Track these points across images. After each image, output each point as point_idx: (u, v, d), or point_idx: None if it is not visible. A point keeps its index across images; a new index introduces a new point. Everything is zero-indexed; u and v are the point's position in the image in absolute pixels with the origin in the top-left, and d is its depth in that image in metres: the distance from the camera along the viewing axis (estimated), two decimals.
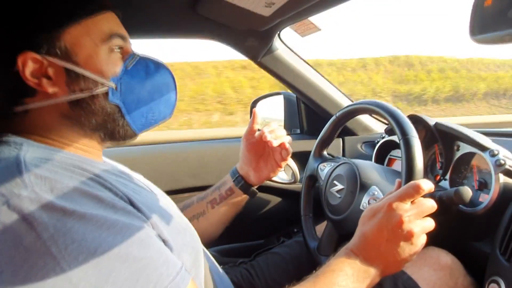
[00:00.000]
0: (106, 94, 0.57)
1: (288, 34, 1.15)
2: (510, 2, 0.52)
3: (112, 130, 0.59)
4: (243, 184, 0.92)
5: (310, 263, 0.85)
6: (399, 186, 0.64)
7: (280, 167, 0.93)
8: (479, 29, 0.57)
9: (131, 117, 0.60)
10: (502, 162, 0.77)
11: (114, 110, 0.58)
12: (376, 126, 1.38)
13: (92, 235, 0.42)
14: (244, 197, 0.93)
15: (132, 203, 0.50)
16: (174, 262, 0.48)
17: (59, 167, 0.48)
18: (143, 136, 0.65)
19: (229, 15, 0.92)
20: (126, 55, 0.60)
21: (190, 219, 0.86)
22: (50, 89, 0.54)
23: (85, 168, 0.51)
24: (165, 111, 0.64)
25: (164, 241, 0.51)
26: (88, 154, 0.59)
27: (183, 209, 0.91)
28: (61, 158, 0.51)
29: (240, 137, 0.94)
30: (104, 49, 0.57)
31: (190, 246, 0.58)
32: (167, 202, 0.65)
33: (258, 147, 0.92)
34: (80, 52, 0.55)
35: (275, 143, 0.88)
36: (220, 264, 0.98)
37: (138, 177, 0.67)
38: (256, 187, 0.95)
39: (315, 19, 0.99)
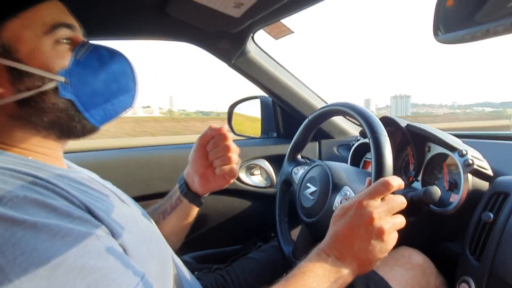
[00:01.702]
0: (56, 89, 0.54)
1: (262, 37, 1.14)
2: (472, 3, 0.53)
3: (68, 126, 0.56)
4: (187, 192, 0.82)
5: (286, 268, 0.84)
6: (370, 184, 0.63)
7: (228, 182, 0.82)
8: (441, 29, 0.57)
9: (88, 110, 0.57)
10: (470, 162, 0.77)
11: (67, 106, 0.55)
12: (352, 129, 1.39)
13: (44, 245, 0.40)
14: (191, 205, 0.83)
15: (90, 212, 0.48)
16: (134, 271, 0.46)
17: (10, 176, 0.45)
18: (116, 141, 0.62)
19: (199, 16, 0.90)
20: (76, 45, 0.57)
21: None
22: None
23: (38, 176, 0.48)
24: (125, 101, 0.61)
25: (125, 250, 0.49)
26: (45, 158, 0.56)
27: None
28: (13, 165, 0.48)
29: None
30: (47, 41, 0.53)
31: (157, 255, 0.56)
32: (133, 211, 0.62)
33: (204, 155, 0.80)
34: (22, 47, 0.51)
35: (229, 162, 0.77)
36: (195, 270, 0.96)
37: (105, 184, 0.64)
38: (202, 196, 0.84)
39: (288, 22, 0.99)
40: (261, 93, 1.35)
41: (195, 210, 0.84)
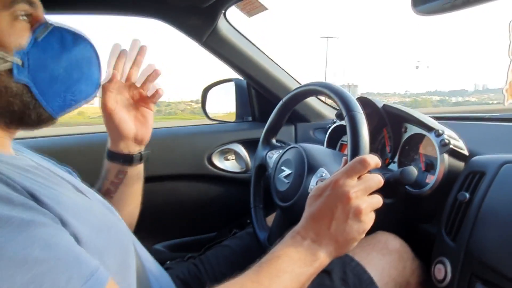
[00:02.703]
0: (10, 71, 0.48)
1: (234, 15, 1.09)
2: None
3: (21, 114, 0.51)
4: (132, 158, 0.76)
5: (261, 255, 0.82)
6: (346, 163, 0.61)
7: (150, 108, 0.77)
8: (420, 0, 0.54)
9: (44, 98, 0.51)
10: (447, 141, 0.76)
11: (21, 90, 0.49)
12: (328, 112, 1.37)
13: None
14: (140, 166, 0.78)
15: (35, 198, 0.43)
16: (87, 262, 0.41)
17: None
18: None
19: None
20: (36, 24, 0.51)
21: None
22: None
23: None
24: (87, 90, 0.56)
25: (78, 242, 0.44)
26: None
27: None
28: None
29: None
30: (4, 16, 0.48)
31: (116, 247, 0.52)
32: (89, 200, 0.57)
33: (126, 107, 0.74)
34: None
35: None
36: (167, 260, 0.92)
37: (58, 172, 0.58)
38: (143, 147, 0.78)
39: None
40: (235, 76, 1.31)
41: (141, 167, 0.79)
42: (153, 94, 0.75)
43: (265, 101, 1.31)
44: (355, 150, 0.61)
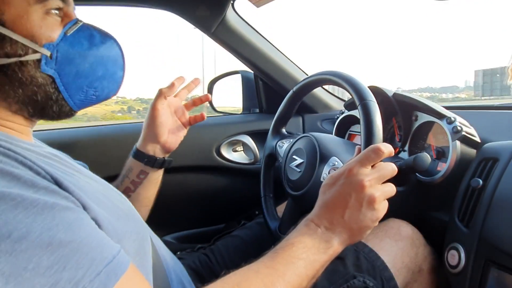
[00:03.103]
0: (38, 62, 0.49)
1: (243, 5, 1.09)
2: None
3: (44, 104, 0.52)
4: (155, 160, 0.80)
5: (271, 244, 0.82)
6: (359, 152, 0.61)
7: (186, 128, 0.85)
8: None
9: (67, 91, 0.52)
10: (459, 128, 0.76)
11: (46, 81, 0.50)
12: (335, 103, 1.37)
13: (4, 217, 0.35)
14: (160, 171, 0.83)
15: (58, 183, 0.43)
16: (110, 245, 0.42)
17: None
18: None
19: None
20: (67, 19, 0.53)
21: None
22: None
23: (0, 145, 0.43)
24: (109, 88, 0.58)
25: (99, 225, 0.44)
26: (11, 131, 0.51)
27: None
28: None
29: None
30: (38, 9, 0.49)
31: (134, 233, 0.52)
32: (106, 188, 0.58)
33: (167, 115, 0.82)
34: (8, 10, 0.47)
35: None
36: (177, 251, 0.93)
37: (74, 164, 0.59)
38: (168, 155, 0.84)
39: None
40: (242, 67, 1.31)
41: (161, 172, 0.83)
42: (196, 117, 0.84)
43: (272, 92, 1.31)
44: (369, 138, 0.61)
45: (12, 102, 0.50)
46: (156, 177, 0.82)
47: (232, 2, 1.05)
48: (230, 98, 1.55)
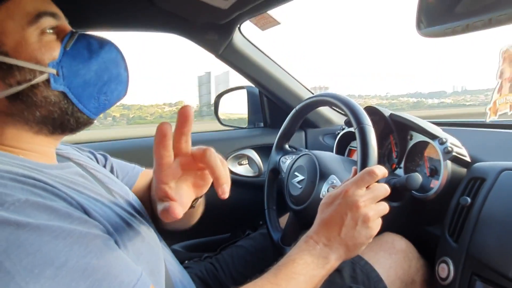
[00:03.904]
0: (47, 81, 0.52)
1: (248, 27, 1.15)
2: None
3: (61, 120, 0.55)
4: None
5: (274, 255, 0.87)
6: (355, 173, 0.66)
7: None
8: (423, 24, 0.60)
9: (81, 102, 0.55)
10: (450, 149, 0.81)
11: (59, 98, 0.53)
12: (337, 118, 1.42)
13: (47, 247, 0.40)
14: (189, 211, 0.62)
15: (87, 212, 0.48)
16: (134, 268, 0.47)
17: (8, 179, 0.45)
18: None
19: (187, 8, 0.90)
20: (63, 34, 0.54)
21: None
22: None
23: (36, 177, 0.47)
24: (118, 90, 0.60)
25: (120, 248, 0.49)
26: (37, 156, 0.55)
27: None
28: (9, 166, 0.47)
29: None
30: (33, 32, 0.51)
31: (149, 253, 0.57)
32: (124, 207, 0.60)
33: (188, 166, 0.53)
34: (7, 40, 0.50)
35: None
36: (185, 259, 0.97)
37: (97, 175, 0.63)
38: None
39: (275, 12, 1.00)
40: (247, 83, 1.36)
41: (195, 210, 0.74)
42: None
43: (276, 108, 1.37)
44: (364, 161, 0.66)
45: (33, 124, 0.53)
46: (194, 212, 0.76)
47: (238, 26, 1.11)
48: (236, 110, 1.59)
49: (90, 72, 0.55)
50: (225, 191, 0.48)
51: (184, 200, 0.49)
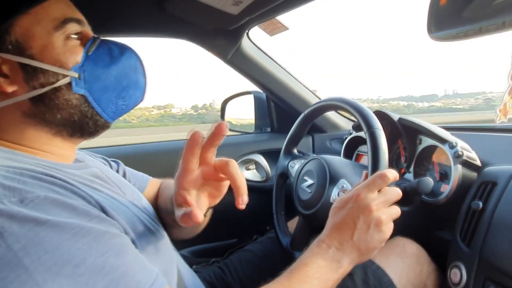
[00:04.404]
0: (69, 85, 0.53)
1: (256, 33, 1.16)
2: (463, 2, 0.56)
3: (81, 123, 0.56)
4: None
5: (283, 259, 0.86)
6: (366, 177, 0.66)
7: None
8: (435, 27, 0.60)
9: (100, 105, 0.56)
10: (460, 153, 0.81)
11: (80, 101, 0.55)
12: (344, 123, 1.42)
13: (66, 245, 0.40)
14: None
15: (104, 210, 0.49)
16: (150, 268, 0.47)
17: (28, 176, 0.45)
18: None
19: (197, 14, 0.91)
20: (86, 39, 0.56)
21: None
22: (9, 88, 0.51)
23: (55, 176, 0.48)
24: (136, 95, 0.61)
25: (137, 248, 0.49)
26: (56, 157, 0.56)
27: (163, 191, 0.81)
28: (28, 165, 0.48)
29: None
30: (59, 36, 0.53)
31: (163, 254, 0.57)
32: (137, 209, 0.61)
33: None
34: (34, 43, 0.51)
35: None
36: (193, 264, 0.97)
37: (112, 178, 0.64)
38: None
39: (283, 18, 1.01)
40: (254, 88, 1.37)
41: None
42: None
43: (283, 113, 1.37)
44: (376, 164, 0.66)
45: (54, 126, 0.55)
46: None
47: (247, 31, 1.12)
48: (242, 115, 1.60)
49: (110, 77, 0.57)
50: (244, 201, 0.52)
51: (200, 208, 0.53)
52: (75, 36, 0.55)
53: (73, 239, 0.41)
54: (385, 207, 0.60)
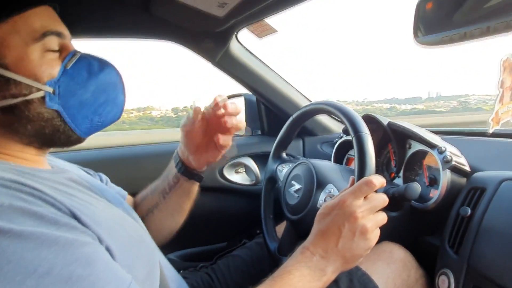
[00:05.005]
0: (42, 99, 0.52)
1: (246, 36, 1.15)
2: (449, 7, 0.55)
3: (51, 137, 0.55)
4: (185, 169, 0.79)
5: (271, 265, 0.85)
6: (353, 182, 0.65)
7: (221, 152, 0.79)
8: (421, 31, 0.59)
9: (74, 121, 0.55)
10: (449, 158, 0.80)
11: (52, 116, 0.53)
12: (335, 126, 1.41)
13: (31, 254, 0.39)
14: (192, 182, 0.81)
15: (76, 217, 0.47)
16: (122, 277, 0.46)
17: None
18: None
19: (183, 16, 0.90)
20: (65, 53, 0.55)
21: (146, 212, 0.83)
22: None
23: (23, 182, 0.46)
24: (113, 112, 0.60)
25: (112, 256, 0.48)
26: (28, 162, 0.54)
27: (141, 202, 0.86)
28: None
29: None
30: (36, 49, 0.51)
31: (146, 259, 0.56)
32: (119, 213, 0.60)
33: (196, 135, 0.77)
34: (9, 53, 0.50)
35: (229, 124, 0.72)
36: (180, 269, 0.96)
37: (91, 182, 0.63)
38: (201, 171, 0.81)
39: (271, 21, 0.99)
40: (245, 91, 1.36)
41: (195, 186, 0.82)
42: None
43: (274, 116, 1.36)
44: (362, 170, 0.65)
45: (23, 136, 0.53)
46: (189, 187, 0.81)
47: (235, 34, 1.11)
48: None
49: (87, 93, 0.56)
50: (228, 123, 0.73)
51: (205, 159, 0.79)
52: (54, 49, 0.54)
53: (39, 248, 0.40)
54: (371, 214, 0.59)
